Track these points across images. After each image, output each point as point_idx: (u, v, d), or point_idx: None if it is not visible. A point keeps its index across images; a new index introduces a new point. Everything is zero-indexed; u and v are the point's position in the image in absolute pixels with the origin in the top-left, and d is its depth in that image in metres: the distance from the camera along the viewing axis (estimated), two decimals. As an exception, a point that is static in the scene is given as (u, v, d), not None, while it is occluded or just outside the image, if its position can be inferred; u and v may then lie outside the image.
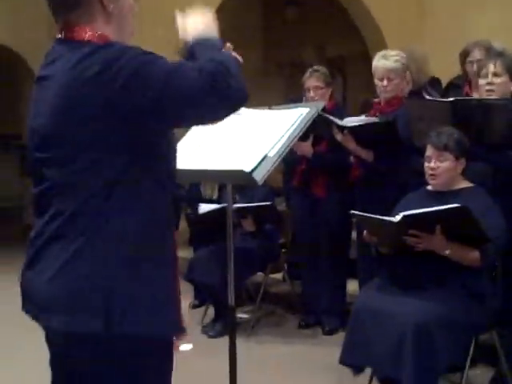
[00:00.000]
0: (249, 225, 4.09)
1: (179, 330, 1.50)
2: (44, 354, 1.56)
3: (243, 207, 3.96)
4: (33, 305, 1.47)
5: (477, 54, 3.86)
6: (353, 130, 3.43)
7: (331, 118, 3.47)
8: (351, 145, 3.48)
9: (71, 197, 1.40)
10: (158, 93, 1.33)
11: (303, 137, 3.64)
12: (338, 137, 3.48)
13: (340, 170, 3.86)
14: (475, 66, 3.79)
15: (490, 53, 3.60)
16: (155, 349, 1.44)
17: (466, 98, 3.12)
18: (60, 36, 1.49)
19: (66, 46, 1.45)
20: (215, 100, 1.34)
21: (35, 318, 1.47)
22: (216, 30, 1.60)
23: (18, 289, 1.53)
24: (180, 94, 1.33)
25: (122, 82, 1.33)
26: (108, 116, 1.35)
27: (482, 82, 3.05)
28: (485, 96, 3.02)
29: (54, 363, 1.54)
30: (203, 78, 1.32)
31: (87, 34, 1.44)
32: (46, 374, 1.57)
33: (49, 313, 1.41)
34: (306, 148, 3.77)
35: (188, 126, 1.51)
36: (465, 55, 3.95)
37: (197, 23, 1.58)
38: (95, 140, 1.37)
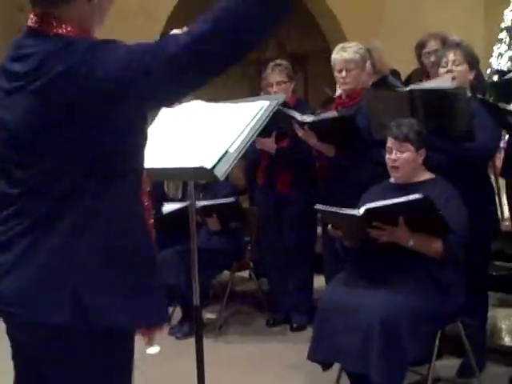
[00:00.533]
0: (214, 223, 4.04)
1: (142, 319, 1.49)
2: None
3: (208, 205, 3.92)
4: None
5: (433, 45, 3.89)
6: (313, 125, 3.42)
7: (291, 112, 3.45)
8: (312, 140, 3.47)
9: (42, 193, 1.38)
10: (153, 67, 1.30)
11: (266, 133, 3.62)
12: (299, 132, 3.46)
13: (303, 166, 3.85)
14: (432, 57, 3.82)
15: (448, 43, 3.64)
16: (117, 337, 1.44)
17: (423, 87, 3.12)
18: (32, 25, 1.43)
19: (39, 40, 1.39)
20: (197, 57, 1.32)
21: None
22: None
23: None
24: (166, 54, 1.31)
25: (85, 72, 1.30)
26: (75, 113, 1.33)
27: (442, 70, 3.08)
28: None
29: (17, 356, 1.52)
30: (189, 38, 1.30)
31: (65, 30, 1.40)
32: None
33: (11, 305, 1.38)
34: (269, 144, 3.75)
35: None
36: (421, 47, 3.99)
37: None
38: (65, 138, 1.35)
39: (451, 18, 6.68)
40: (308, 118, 3.44)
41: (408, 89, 3.03)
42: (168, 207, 4.10)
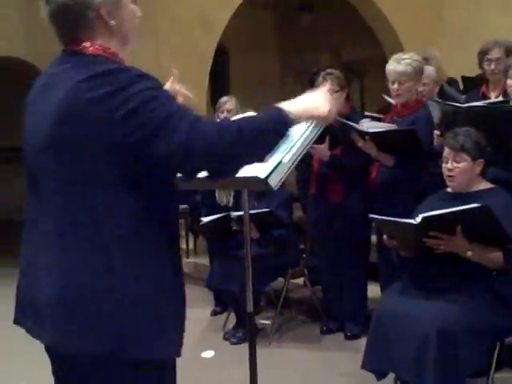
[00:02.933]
0: (252, 232, 4.07)
1: (178, 352, 1.51)
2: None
3: (241, 215, 3.93)
4: (31, 317, 1.47)
5: (496, 53, 3.81)
6: (374, 137, 3.41)
7: (351, 123, 3.46)
8: (373, 151, 3.46)
9: (70, 208, 1.41)
10: (148, 131, 1.36)
11: (319, 139, 3.63)
12: (360, 143, 3.46)
13: (356, 174, 3.84)
14: (493, 65, 3.75)
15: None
16: (156, 368, 1.46)
17: (479, 105, 3.06)
18: (66, 48, 1.51)
19: (72, 60, 1.47)
20: (188, 161, 1.39)
21: (31, 331, 1.48)
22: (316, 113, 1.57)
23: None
24: (162, 140, 1.36)
25: (124, 113, 1.35)
26: (104, 138, 1.37)
27: (510, 82, 3.01)
28: None
29: (57, 373, 1.56)
30: (190, 136, 1.36)
31: (93, 48, 1.47)
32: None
33: (50, 328, 1.41)
34: (323, 151, 3.75)
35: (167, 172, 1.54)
36: (483, 54, 3.91)
37: (306, 99, 1.57)
38: (87, 155, 1.39)
39: (513, 22, 6.51)
40: (369, 129, 3.44)
41: (466, 105, 2.99)
42: (207, 218, 4.16)
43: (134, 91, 1.37)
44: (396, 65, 3.51)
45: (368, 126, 3.51)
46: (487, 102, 3.27)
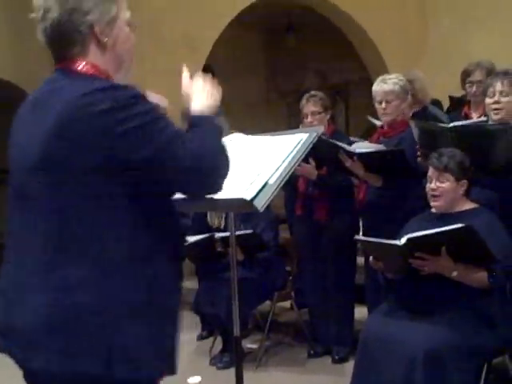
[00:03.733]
0: (237, 254, 4.04)
1: (169, 371, 1.53)
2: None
3: (226, 236, 3.91)
4: (15, 340, 1.44)
5: (477, 75, 3.87)
6: (362, 157, 3.42)
7: (339, 143, 3.46)
8: (360, 171, 3.46)
9: (62, 227, 1.39)
10: (150, 155, 1.37)
11: (304, 160, 3.63)
12: (348, 163, 3.45)
13: (342, 194, 3.85)
14: (475, 87, 3.80)
15: (495, 72, 3.60)
16: None
17: (465, 123, 3.09)
18: (59, 67, 1.51)
19: (67, 77, 1.47)
20: (194, 182, 1.44)
21: (14, 355, 1.45)
22: (216, 99, 1.65)
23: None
24: (167, 164, 1.40)
25: (124, 130, 1.36)
26: (100, 152, 1.37)
27: (488, 100, 3.01)
28: (492, 115, 2.99)
29: None
30: (192, 158, 1.40)
31: (87, 66, 1.47)
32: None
33: (37, 350, 1.38)
34: (310, 170, 3.75)
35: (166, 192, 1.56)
36: (465, 75, 3.96)
37: (200, 94, 1.61)
38: (84, 169, 1.38)
39: (498, 43, 6.58)
40: (356, 149, 3.45)
41: (451, 125, 3.01)
42: (192, 238, 4.14)
43: (134, 111, 1.38)
44: (382, 84, 3.55)
45: (356, 146, 3.52)
46: (468, 121, 3.29)
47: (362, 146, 3.52)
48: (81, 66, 1.48)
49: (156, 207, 1.47)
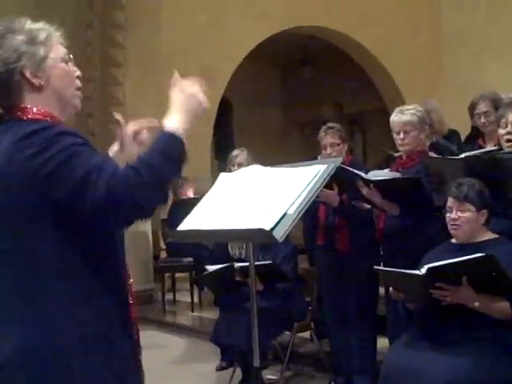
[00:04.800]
0: (256, 284, 4.03)
1: None
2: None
3: (245, 266, 3.91)
4: None
5: (482, 107, 3.89)
6: (378, 184, 3.43)
7: (356, 171, 3.48)
8: (377, 199, 3.46)
9: (6, 272, 1.46)
10: (69, 189, 1.41)
11: (327, 186, 3.64)
12: (364, 191, 3.46)
13: (363, 225, 3.84)
14: (482, 118, 3.82)
15: (508, 102, 3.62)
16: None
17: (477, 153, 3.10)
18: (4, 118, 1.56)
19: (8, 126, 1.52)
20: (112, 213, 1.43)
21: None
22: (201, 103, 1.62)
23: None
24: (84, 197, 1.40)
25: (49, 170, 1.41)
26: (33, 194, 1.43)
27: (501, 131, 3.03)
28: (505, 145, 3.01)
29: None
30: (110, 189, 1.40)
31: (28, 113, 1.52)
32: None
33: None
34: (333, 196, 3.75)
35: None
36: (472, 109, 3.99)
37: (181, 104, 1.60)
38: (22, 218, 1.45)
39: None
40: (373, 177, 3.46)
41: (463, 156, 3.02)
42: (212, 267, 4.15)
43: (55, 150, 1.41)
44: (400, 115, 3.57)
45: (372, 174, 3.53)
46: (480, 151, 3.30)
47: (378, 174, 3.53)
48: (20, 111, 1.53)
49: (95, 250, 1.51)
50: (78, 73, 1.63)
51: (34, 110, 1.53)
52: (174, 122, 1.56)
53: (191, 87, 1.62)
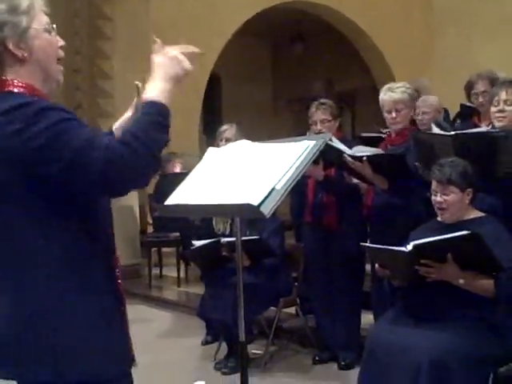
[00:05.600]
0: (243, 259, 4.04)
1: (127, 366, 1.58)
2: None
3: (232, 241, 3.92)
4: None
5: (480, 86, 3.90)
6: (369, 159, 3.43)
7: (341, 147, 3.47)
8: (368, 171, 3.45)
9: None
10: (62, 165, 1.40)
11: (314, 161, 3.64)
12: (355, 165, 3.44)
13: (351, 200, 3.85)
14: (480, 98, 3.82)
15: (501, 81, 3.62)
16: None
17: (467, 131, 3.11)
18: None
19: None
20: (109, 184, 1.44)
21: None
22: (183, 68, 1.61)
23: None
24: (79, 174, 1.41)
25: (37, 145, 1.39)
26: (17, 170, 1.42)
27: (493, 109, 3.04)
28: (495, 122, 3.01)
29: None
30: (105, 162, 1.40)
31: (9, 85, 1.49)
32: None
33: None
34: (318, 171, 3.74)
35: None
36: (469, 88, 3.99)
37: (162, 68, 1.59)
38: (7, 191, 1.44)
39: (503, 52, 6.60)
40: (357, 153, 3.46)
41: (453, 133, 3.03)
42: (198, 242, 4.16)
43: (43, 126, 1.39)
44: (391, 93, 3.55)
45: (356, 149, 3.52)
46: (472, 130, 3.30)
47: (363, 150, 3.53)
48: (3, 85, 1.49)
49: (82, 216, 1.52)
50: (62, 43, 1.60)
51: (16, 82, 1.49)
52: (156, 88, 1.55)
53: (172, 51, 1.61)
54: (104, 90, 6.67)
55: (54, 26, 1.58)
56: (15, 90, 1.49)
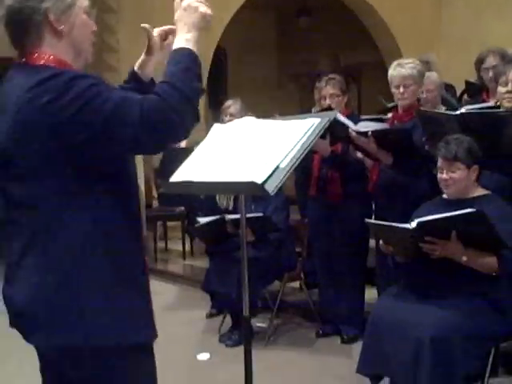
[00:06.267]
0: (247, 235, 4.06)
1: (151, 336, 1.63)
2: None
3: (236, 219, 3.94)
4: (17, 321, 1.55)
5: (492, 61, 3.86)
6: (375, 134, 3.42)
7: (346, 122, 3.45)
8: (373, 146, 3.44)
9: (29, 216, 1.49)
10: (100, 127, 1.42)
11: (321, 136, 3.62)
12: (361, 140, 3.43)
13: (356, 176, 3.85)
14: (491, 72, 3.79)
15: (507, 59, 3.59)
16: (132, 353, 1.55)
17: (473, 111, 3.09)
18: (18, 61, 1.55)
19: (22, 70, 1.51)
20: (150, 138, 1.46)
21: (21, 332, 1.56)
22: (205, 14, 1.63)
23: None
24: (119, 131, 1.43)
25: (71, 113, 1.41)
26: (55, 141, 1.43)
27: (501, 89, 3.01)
28: (504, 103, 2.99)
29: (44, 371, 1.66)
30: (143, 115, 1.42)
31: (42, 58, 1.50)
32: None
33: (31, 328, 1.51)
34: (324, 146, 3.72)
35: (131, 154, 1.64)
36: (480, 62, 3.96)
37: (180, 21, 1.63)
38: (44, 162, 1.45)
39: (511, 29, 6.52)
40: (362, 128, 3.45)
41: (458, 112, 3.01)
42: (202, 220, 4.17)
43: (73, 95, 1.41)
44: (400, 69, 3.53)
45: (361, 125, 3.51)
46: (477, 106, 3.28)
47: (368, 125, 3.52)
48: (35, 56, 1.51)
49: (115, 188, 1.54)
50: (95, 28, 1.63)
51: (50, 56, 1.51)
52: (180, 40, 1.59)
53: (187, 1, 1.63)
54: (109, 63, 6.64)
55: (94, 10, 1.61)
56: (48, 63, 1.50)
